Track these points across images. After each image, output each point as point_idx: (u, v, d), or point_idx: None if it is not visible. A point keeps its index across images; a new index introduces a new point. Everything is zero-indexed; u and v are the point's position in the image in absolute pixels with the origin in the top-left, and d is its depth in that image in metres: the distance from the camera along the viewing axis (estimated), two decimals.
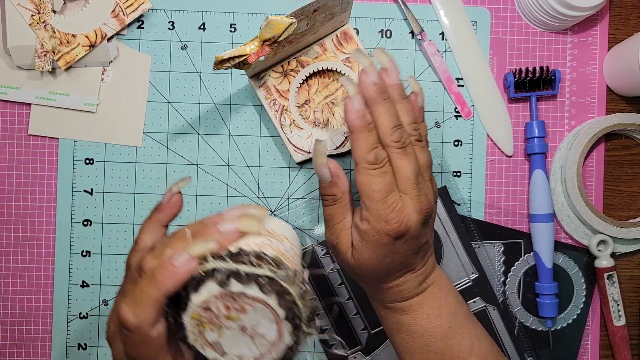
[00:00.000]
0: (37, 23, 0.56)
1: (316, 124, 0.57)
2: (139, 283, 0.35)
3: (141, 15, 0.59)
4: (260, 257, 0.36)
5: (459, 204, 0.59)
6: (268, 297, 0.35)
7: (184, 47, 0.59)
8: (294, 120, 0.56)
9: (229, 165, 0.59)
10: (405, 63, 0.60)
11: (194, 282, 0.35)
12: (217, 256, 0.35)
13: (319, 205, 0.59)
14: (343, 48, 0.56)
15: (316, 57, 0.56)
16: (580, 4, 0.55)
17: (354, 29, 0.60)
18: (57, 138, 0.59)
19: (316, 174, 0.45)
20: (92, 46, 0.57)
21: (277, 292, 0.35)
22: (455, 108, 0.60)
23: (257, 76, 0.56)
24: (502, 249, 0.60)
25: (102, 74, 0.58)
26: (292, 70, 0.56)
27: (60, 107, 0.58)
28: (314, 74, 0.58)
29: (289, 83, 0.56)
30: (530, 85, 0.58)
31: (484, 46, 0.60)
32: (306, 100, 0.58)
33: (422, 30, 0.59)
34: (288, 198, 0.60)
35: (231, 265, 0.35)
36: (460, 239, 0.59)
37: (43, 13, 0.56)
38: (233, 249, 0.36)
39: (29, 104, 0.59)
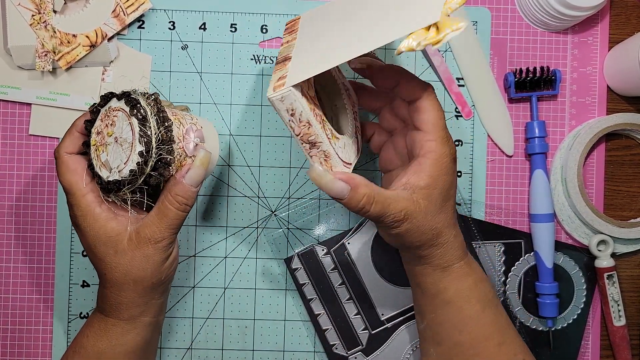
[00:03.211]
0: (38, 23, 0.56)
1: (336, 135, 0.48)
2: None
3: (142, 15, 0.59)
4: (133, 90, 0.46)
5: (459, 204, 0.59)
6: (121, 102, 0.45)
7: (184, 47, 0.59)
8: (330, 130, 0.46)
9: (230, 165, 0.59)
10: (406, 63, 0.60)
11: (92, 120, 0.47)
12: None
13: (319, 205, 0.59)
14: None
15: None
16: (581, 4, 0.55)
17: None
18: (58, 138, 0.59)
19: (332, 194, 0.43)
20: (93, 46, 0.57)
21: (125, 97, 0.45)
22: (456, 108, 0.60)
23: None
24: (503, 248, 0.60)
25: (103, 74, 0.58)
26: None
27: (61, 107, 0.58)
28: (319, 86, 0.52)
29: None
30: (531, 85, 0.58)
31: (484, 46, 0.60)
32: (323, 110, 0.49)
33: None
34: (288, 198, 0.60)
35: (107, 94, 0.47)
36: None
37: (44, 13, 0.56)
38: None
39: (30, 104, 0.59)
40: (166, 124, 0.45)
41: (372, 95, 0.53)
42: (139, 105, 0.44)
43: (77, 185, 0.46)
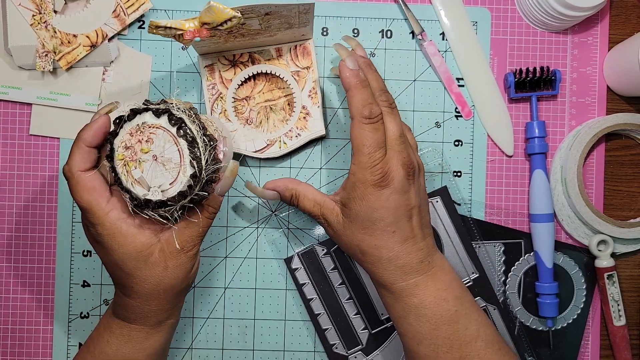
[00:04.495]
0: (38, 23, 0.56)
1: (248, 122, 0.58)
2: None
3: (142, 15, 0.59)
4: (163, 101, 0.45)
5: (459, 204, 0.59)
6: (161, 120, 0.43)
7: (184, 47, 0.59)
8: (225, 110, 0.56)
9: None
10: (406, 63, 0.60)
11: (115, 133, 0.44)
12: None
13: None
14: (297, 61, 0.57)
15: (269, 60, 0.57)
16: (581, 4, 0.55)
17: (354, 29, 0.60)
18: (58, 138, 0.59)
19: (267, 200, 0.50)
20: (93, 46, 0.57)
21: (168, 114, 0.43)
22: (456, 108, 0.60)
23: (208, 56, 0.56)
24: (503, 248, 0.60)
25: (103, 74, 0.58)
26: (242, 62, 0.56)
27: (62, 107, 0.58)
28: (263, 75, 0.58)
29: (235, 73, 0.56)
30: (531, 85, 0.58)
31: (484, 46, 0.60)
32: (247, 97, 0.58)
33: (423, 31, 0.59)
34: None
35: (139, 108, 0.44)
36: (461, 238, 0.59)
37: (44, 13, 0.56)
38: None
39: (30, 104, 0.59)
40: (212, 143, 0.44)
41: None
42: (185, 126, 0.43)
43: (98, 204, 0.44)
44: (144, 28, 0.59)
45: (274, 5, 0.46)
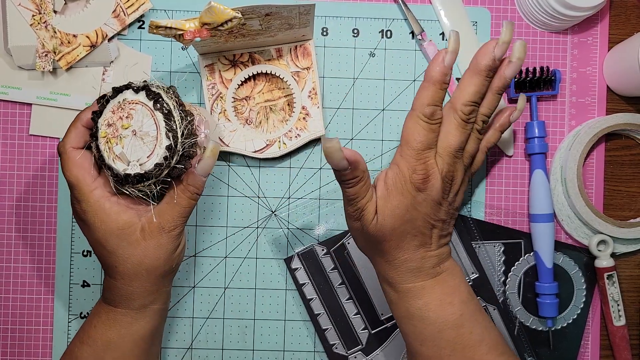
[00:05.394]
0: (38, 23, 0.56)
1: (247, 122, 0.58)
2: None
3: (142, 16, 0.59)
4: (145, 81, 0.46)
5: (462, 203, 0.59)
6: (139, 95, 0.45)
7: (184, 47, 0.59)
8: (224, 110, 0.57)
9: (229, 165, 0.59)
10: (406, 63, 0.60)
11: (100, 112, 0.46)
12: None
13: (319, 205, 0.59)
14: (297, 61, 0.57)
15: (269, 60, 0.57)
16: (581, 4, 0.55)
17: (354, 29, 0.60)
18: (58, 138, 0.59)
19: (334, 166, 0.44)
20: (93, 46, 0.57)
21: (145, 90, 0.45)
22: None
23: (208, 56, 0.56)
24: (503, 248, 0.60)
25: (103, 74, 0.58)
26: (242, 62, 0.57)
27: (61, 107, 0.58)
28: (263, 75, 0.58)
29: (235, 73, 0.57)
30: (531, 85, 0.58)
31: None
32: (247, 97, 0.58)
33: (423, 31, 0.59)
34: (288, 198, 0.60)
35: (120, 87, 0.46)
36: (461, 238, 0.59)
37: (44, 13, 0.56)
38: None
39: (30, 104, 0.59)
40: (189, 118, 0.45)
41: None
42: (162, 100, 0.44)
43: (84, 180, 0.46)
44: (143, 28, 0.59)
45: (274, 6, 0.46)
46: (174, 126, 0.44)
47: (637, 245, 0.60)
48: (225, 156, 0.59)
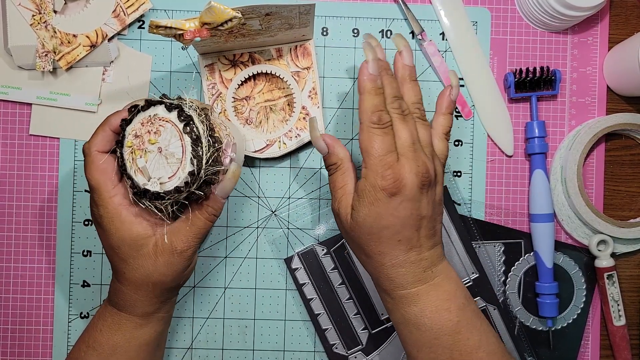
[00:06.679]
0: (38, 23, 0.56)
1: (248, 122, 0.58)
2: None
3: (142, 15, 0.59)
4: (180, 98, 0.46)
5: (459, 204, 0.59)
6: (171, 114, 0.44)
7: (184, 47, 0.59)
8: (224, 110, 0.57)
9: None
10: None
11: (129, 121, 0.45)
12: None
13: (320, 205, 0.60)
14: (297, 61, 0.57)
15: (269, 60, 0.57)
16: (581, 4, 0.55)
17: (354, 29, 0.60)
18: (58, 138, 0.59)
19: (315, 148, 0.49)
20: (93, 46, 0.57)
21: (178, 110, 0.44)
22: (456, 108, 0.60)
23: (208, 56, 0.56)
24: (503, 248, 0.60)
25: (103, 74, 0.58)
26: (242, 62, 0.56)
27: (61, 107, 0.58)
28: (263, 75, 0.58)
29: (235, 73, 0.57)
30: (531, 85, 0.58)
31: (484, 46, 0.60)
32: (247, 97, 0.58)
33: (423, 30, 0.59)
34: (288, 198, 0.60)
35: (153, 99, 0.45)
36: (461, 238, 0.59)
37: (44, 13, 0.56)
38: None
39: (30, 104, 0.59)
40: (216, 145, 0.45)
41: None
42: (192, 124, 0.44)
43: (105, 185, 0.46)
44: (143, 28, 0.59)
45: (274, 6, 0.46)
46: (200, 152, 0.43)
47: (637, 245, 0.60)
48: None
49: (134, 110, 0.45)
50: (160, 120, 0.44)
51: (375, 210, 0.45)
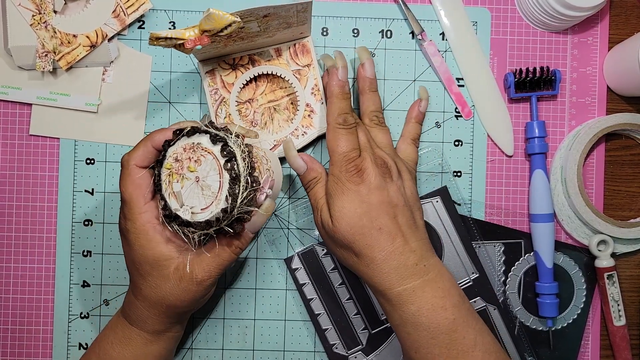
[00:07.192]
0: (38, 23, 0.56)
1: (253, 124, 0.58)
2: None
3: (142, 16, 0.59)
4: (226, 128, 0.45)
5: (459, 204, 0.59)
6: (215, 147, 0.44)
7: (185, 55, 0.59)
8: (229, 115, 0.57)
9: None
10: (406, 63, 0.60)
11: (172, 143, 0.45)
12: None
13: None
14: (297, 59, 0.57)
15: (269, 60, 0.57)
16: (581, 4, 0.55)
17: (354, 29, 0.60)
18: (58, 138, 0.59)
19: (292, 168, 0.52)
20: (93, 46, 0.57)
21: (222, 144, 0.44)
22: (456, 108, 0.60)
23: (208, 62, 0.56)
24: (503, 248, 0.60)
25: (103, 74, 0.58)
26: (242, 65, 0.57)
27: (61, 107, 0.58)
28: (264, 76, 0.58)
29: (236, 77, 0.57)
30: (531, 85, 0.58)
31: (484, 46, 0.60)
32: (250, 99, 0.58)
33: (423, 31, 0.59)
34: (289, 198, 0.60)
35: (200, 127, 0.45)
36: (461, 238, 0.59)
37: (44, 13, 0.56)
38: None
39: (30, 104, 0.59)
40: (254, 185, 0.44)
41: None
42: (234, 161, 0.43)
43: (137, 201, 0.46)
44: (143, 28, 0.59)
45: (272, 7, 0.46)
46: (237, 191, 0.43)
47: (637, 245, 0.60)
48: None
49: (179, 133, 0.45)
50: (203, 150, 0.44)
51: (347, 199, 0.47)
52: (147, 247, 0.46)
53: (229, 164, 0.43)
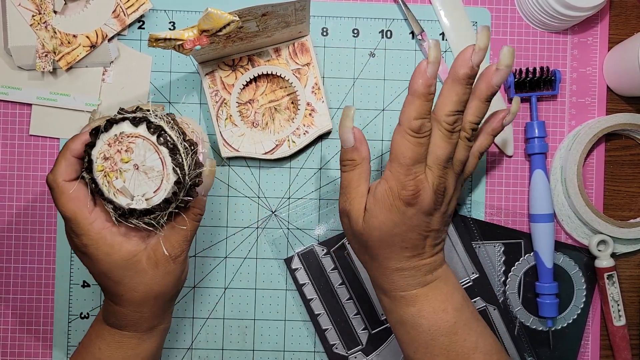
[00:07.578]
0: (38, 23, 0.56)
1: (254, 125, 0.58)
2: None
3: (142, 16, 0.59)
4: (139, 108, 0.44)
5: (459, 204, 0.59)
6: (139, 129, 0.42)
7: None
8: (230, 116, 0.57)
9: (229, 165, 0.59)
10: (406, 63, 0.60)
11: (93, 144, 0.43)
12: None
13: (319, 206, 0.60)
14: (297, 58, 0.57)
15: (268, 60, 0.57)
16: (581, 4, 0.55)
17: (354, 29, 0.60)
18: (58, 138, 0.59)
19: (340, 138, 0.47)
20: (93, 46, 0.57)
21: (146, 123, 0.42)
22: None
23: (208, 64, 0.56)
24: (503, 249, 0.60)
25: (103, 74, 0.59)
26: (242, 66, 0.57)
27: (61, 108, 0.58)
28: (264, 76, 0.58)
29: (236, 78, 0.57)
30: (531, 85, 0.58)
31: None
32: (250, 100, 0.58)
33: (423, 31, 0.59)
34: (288, 198, 0.60)
35: (115, 118, 0.43)
36: (461, 239, 0.59)
37: (44, 13, 0.56)
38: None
39: (30, 104, 0.59)
40: (193, 147, 0.44)
41: None
42: (165, 133, 0.43)
43: (82, 213, 0.44)
44: (143, 28, 0.59)
45: (270, 5, 0.46)
46: (181, 160, 0.43)
47: (637, 245, 0.60)
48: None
49: (96, 132, 0.43)
50: (128, 137, 0.43)
51: (391, 217, 0.45)
52: (112, 253, 0.44)
53: (161, 138, 0.42)
